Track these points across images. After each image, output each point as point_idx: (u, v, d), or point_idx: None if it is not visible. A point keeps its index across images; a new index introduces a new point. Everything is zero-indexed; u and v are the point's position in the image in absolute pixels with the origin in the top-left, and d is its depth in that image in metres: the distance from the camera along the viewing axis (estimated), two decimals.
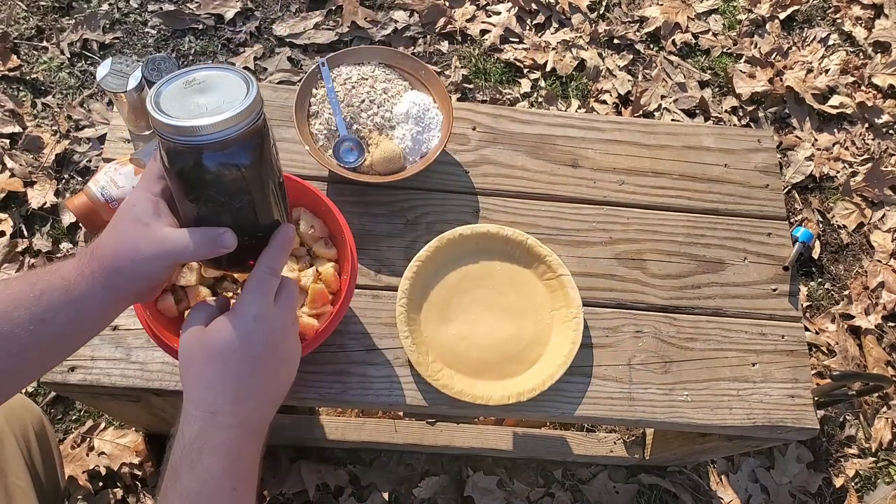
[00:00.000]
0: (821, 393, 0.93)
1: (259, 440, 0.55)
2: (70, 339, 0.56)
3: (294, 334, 0.58)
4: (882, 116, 1.87)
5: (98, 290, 0.54)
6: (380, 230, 0.97)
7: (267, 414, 0.56)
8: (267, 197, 0.56)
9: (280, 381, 0.57)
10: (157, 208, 0.55)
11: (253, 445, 0.54)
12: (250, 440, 0.54)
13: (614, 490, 1.37)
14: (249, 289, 0.54)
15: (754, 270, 1.02)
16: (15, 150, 1.54)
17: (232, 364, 0.53)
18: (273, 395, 0.56)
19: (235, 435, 0.52)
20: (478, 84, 1.78)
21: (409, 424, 1.31)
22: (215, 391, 0.52)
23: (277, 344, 0.55)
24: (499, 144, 1.06)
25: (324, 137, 0.97)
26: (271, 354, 0.54)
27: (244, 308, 0.54)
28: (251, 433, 0.54)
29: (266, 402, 0.55)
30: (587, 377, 0.92)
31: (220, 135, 0.50)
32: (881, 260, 1.68)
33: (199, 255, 0.54)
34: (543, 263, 0.95)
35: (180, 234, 0.54)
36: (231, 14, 1.78)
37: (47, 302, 0.53)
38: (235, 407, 0.53)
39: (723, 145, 1.10)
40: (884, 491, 1.43)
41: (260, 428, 0.55)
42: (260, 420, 0.55)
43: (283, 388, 0.57)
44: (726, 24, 1.98)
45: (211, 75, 0.54)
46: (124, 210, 0.55)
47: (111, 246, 0.54)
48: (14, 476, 0.82)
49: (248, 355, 0.53)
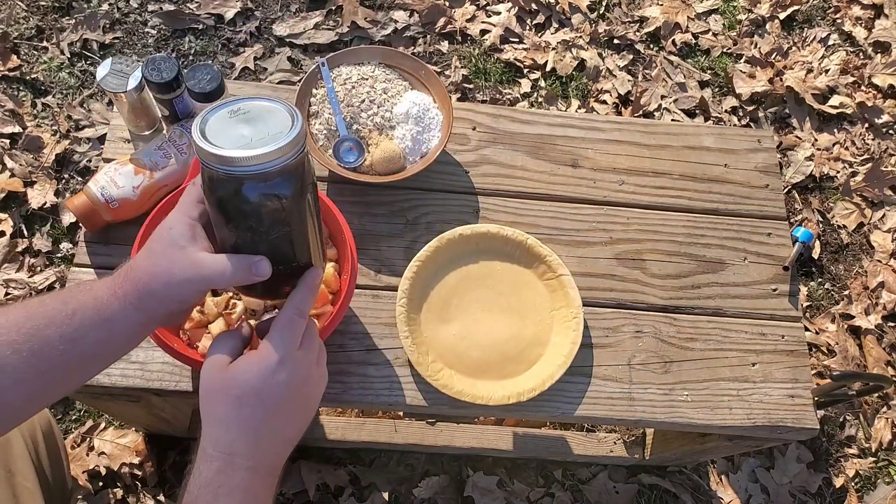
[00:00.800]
0: (821, 393, 0.93)
1: (274, 480, 0.55)
2: (98, 359, 0.56)
3: (317, 375, 0.58)
4: (882, 116, 1.87)
5: (130, 311, 0.54)
6: (380, 230, 0.97)
7: (283, 454, 0.56)
8: (305, 229, 0.56)
9: (299, 423, 0.57)
10: (194, 232, 0.55)
11: (268, 486, 0.54)
12: (266, 481, 0.54)
13: (614, 490, 1.37)
14: (277, 329, 0.54)
15: (754, 270, 1.02)
16: (15, 150, 1.54)
17: (253, 408, 0.52)
18: (291, 437, 0.56)
19: (252, 477, 0.52)
20: (478, 84, 1.78)
21: (409, 424, 1.31)
22: (234, 433, 0.52)
23: (299, 388, 0.54)
24: (499, 144, 1.06)
25: (324, 137, 0.97)
26: (292, 399, 0.54)
27: (269, 351, 0.53)
28: (267, 475, 0.54)
29: (283, 443, 0.56)
30: (587, 377, 0.92)
31: (262, 167, 0.50)
32: (881, 260, 1.68)
33: (234, 281, 0.54)
34: (543, 263, 0.95)
35: (216, 260, 0.54)
36: (231, 14, 1.78)
37: (79, 322, 0.53)
38: (253, 450, 0.53)
39: (723, 145, 1.10)
40: (884, 491, 1.43)
41: (276, 468, 0.55)
42: (276, 461, 0.55)
43: (302, 428, 0.57)
44: (726, 24, 1.98)
45: (257, 106, 0.54)
46: (161, 233, 0.55)
47: (146, 268, 0.54)
48: (21, 477, 0.82)
49: (269, 400, 0.53)
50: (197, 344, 0.79)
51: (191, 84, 0.88)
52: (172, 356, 0.76)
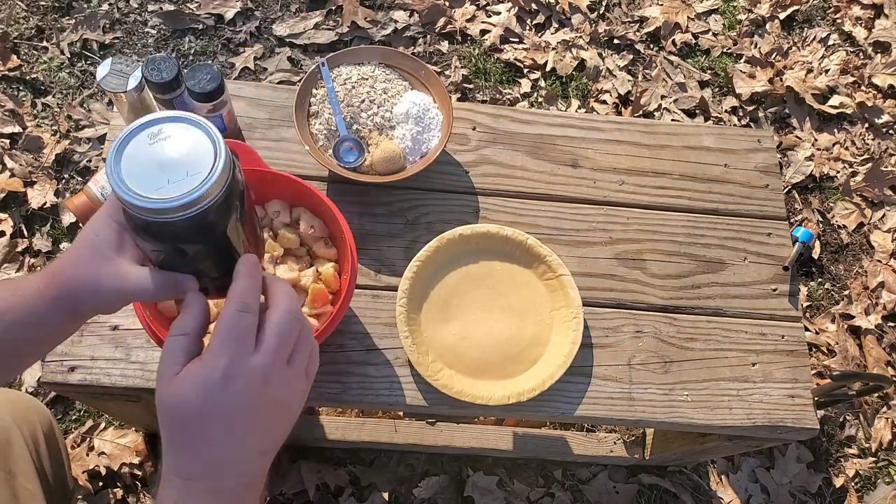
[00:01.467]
0: (821, 393, 0.93)
1: (252, 494, 0.49)
2: (28, 356, 0.56)
3: (290, 376, 0.50)
4: (882, 116, 1.87)
5: (59, 314, 0.52)
6: (380, 230, 0.97)
7: (258, 467, 0.50)
8: (234, 239, 0.52)
9: (273, 433, 0.50)
10: (122, 240, 0.51)
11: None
12: (239, 500, 0.48)
13: (614, 490, 1.37)
14: (217, 334, 0.46)
15: (754, 270, 1.02)
16: (15, 150, 1.54)
17: (200, 429, 0.46)
18: (265, 448, 0.50)
19: (214, 500, 0.47)
20: (478, 84, 1.78)
21: (409, 424, 1.31)
22: (188, 456, 0.46)
23: (260, 395, 0.47)
24: (499, 144, 1.06)
25: (324, 137, 0.97)
26: (254, 410, 0.47)
27: (212, 362, 0.46)
28: (238, 494, 0.48)
29: (255, 456, 0.49)
30: (587, 377, 0.92)
31: (180, 216, 0.45)
32: (881, 260, 1.68)
33: (159, 298, 0.52)
34: (543, 263, 0.95)
35: (141, 276, 0.50)
36: (231, 14, 1.78)
37: (8, 322, 0.52)
38: (212, 472, 0.47)
39: (723, 145, 1.10)
40: (884, 491, 1.43)
41: (251, 484, 0.49)
42: (249, 478, 0.49)
43: (279, 437, 0.50)
44: (726, 24, 1.98)
45: (177, 130, 0.48)
46: (86, 237, 0.51)
47: (74, 275, 0.51)
48: (23, 478, 0.81)
49: (221, 418, 0.46)
50: None
51: (191, 84, 0.88)
52: None
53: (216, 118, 0.94)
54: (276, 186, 0.86)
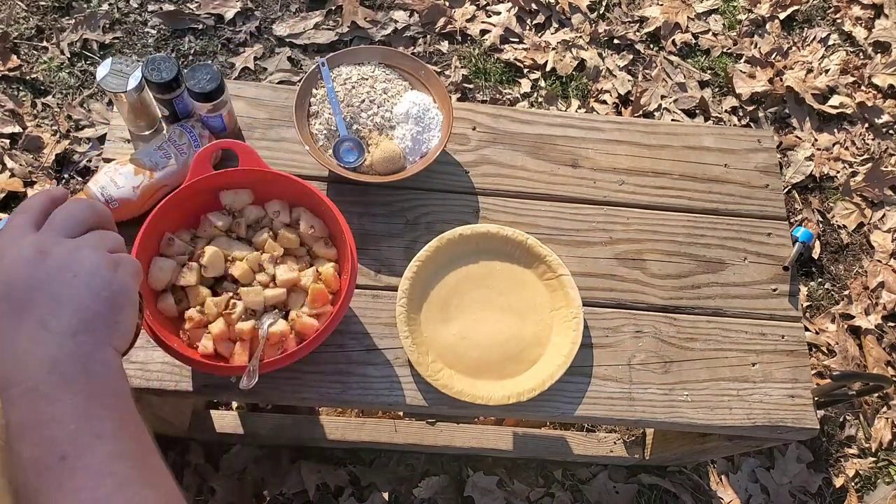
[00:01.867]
0: (821, 393, 0.93)
1: (65, 395, 0.43)
2: None
3: (71, 246, 0.47)
4: (882, 116, 1.87)
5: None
6: (380, 230, 0.97)
7: (65, 356, 0.43)
8: None
9: (68, 305, 0.45)
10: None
11: (63, 400, 0.43)
12: (57, 396, 0.42)
13: (614, 490, 1.37)
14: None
15: (754, 270, 1.02)
16: (15, 150, 1.54)
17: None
18: (67, 329, 0.44)
19: (30, 402, 0.42)
20: (478, 84, 1.78)
21: (409, 424, 1.31)
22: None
23: (34, 266, 0.45)
24: (499, 144, 1.06)
25: (324, 137, 0.97)
26: (30, 283, 0.44)
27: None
28: (50, 394, 0.42)
29: (54, 342, 0.44)
30: (587, 377, 0.92)
31: None
32: (881, 260, 1.68)
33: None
34: (543, 263, 0.95)
35: None
36: (231, 14, 1.78)
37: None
38: (16, 370, 0.43)
39: (723, 145, 1.10)
40: (884, 491, 1.43)
41: (64, 380, 0.43)
42: (58, 373, 0.43)
43: (83, 313, 0.45)
44: (726, 24, 1.98)
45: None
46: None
47: None
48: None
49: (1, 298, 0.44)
50: (197, 344, 0.79)
51: (191, 84, 0.88)
52: (172, 356, 0.76)
53: (216, 118, 0.94)
54: (276, 186, 0.86)
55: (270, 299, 0.81)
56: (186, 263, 0.82)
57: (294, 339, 0.80)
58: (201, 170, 0.83)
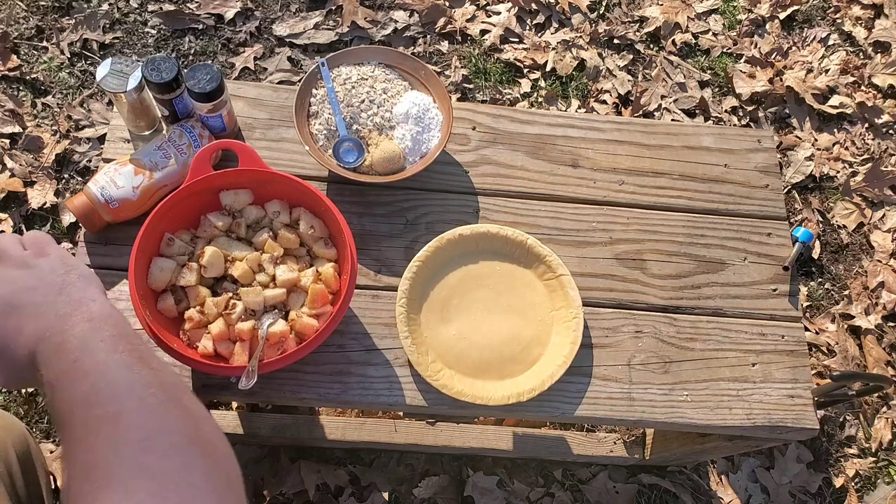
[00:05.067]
0: (821, 393, 0.93)
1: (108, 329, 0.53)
2: None
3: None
4: (882, 116, 1.87)
5: None
6: (380, 230, 0.97)
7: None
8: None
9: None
10: None
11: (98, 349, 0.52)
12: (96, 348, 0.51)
13: (614, 490, 1.37)
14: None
15: (754, 270, 1.02)
16: (15, 150, 1.54)
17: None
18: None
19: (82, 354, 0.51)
20: (478, 84, 1.78)
21: (409, 424, 1.31)
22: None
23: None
24: (499, 144, 1.06)
25: (324, 137, 0.97)
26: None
27: None
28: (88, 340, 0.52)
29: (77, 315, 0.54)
30: (587, 377, 0.92)
31: None
32: (881, 260, 1.68)
33: None
34: (543, 263, 0.95)
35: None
36: (231, 14, 1.78)
37: None
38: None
39: (723, 145, 1.10)
40: (884, 491, 1.43)
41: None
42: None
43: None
44: (726, 24, 1.98)
45: None
46: None
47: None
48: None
49: None
50: (197, 344, 0.79)
51: (191, 84, 0.88)
52: (172, 356, 0.76)
53: (216, 118, 0.94)
54: (276, 186, 0.86)
55: (270, 300, 0.81)
56: (186, 263, 0.82)
57: (294, 339, 0.80)
58: (201, 170, 0.83)
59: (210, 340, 0.79)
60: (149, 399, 0.48)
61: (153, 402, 0.48)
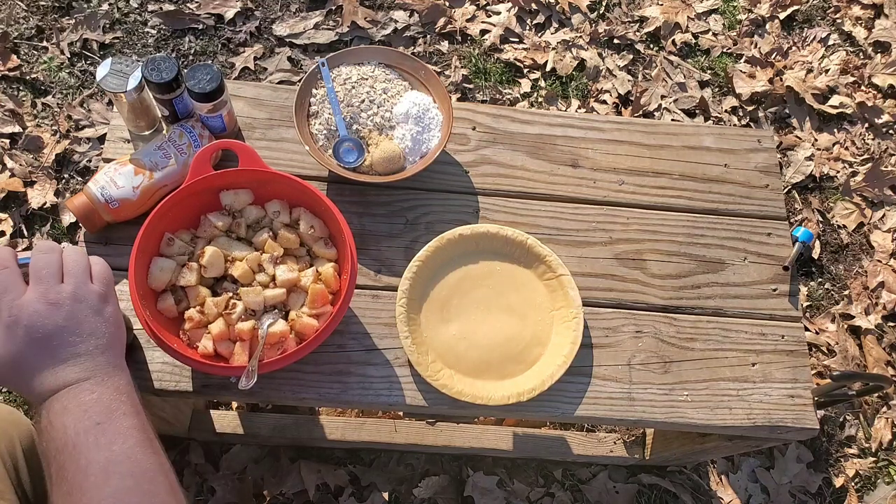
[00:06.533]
0: (821, 393, 0.93)
1: (111, 383, 0.63)
2: None
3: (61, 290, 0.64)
4: (882, 116, 1.87)
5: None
6: (380, 230, 0.97)
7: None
8: None
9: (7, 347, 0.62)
10: None
11: (99, 391, 0.62)
12: (95, 390, 0.62)
13: (614, 490, 1.37)
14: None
15: (754, 270, 1.02)
16: (15, 150, 1.54)
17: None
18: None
19: (77, 395, 0.61)
20: (478, 84, 1.78)
21: (409, 424, 1.31)
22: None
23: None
24: (499, 144, 1.06)
25: (324, 137, 0.97)
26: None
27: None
28: (92, 384, 0.62)
29: (90, 360, 0.63)
30: (587, 377, 0.92)
31: None
32: (881, 260, 1.68)
33: None
34: (543, 263, 0.95)
35: None
36: (231, 14, 1.78)
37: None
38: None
39: (723, 145, 1.10)
40: (884, 491, 1.43)
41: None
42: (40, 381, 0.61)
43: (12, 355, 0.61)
44: (726, 24, 1.98)
45: None
46: None
47: None
48: (1, 499, 0.79)
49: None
50: (197, 344, 0.79)
51: (191, 84, 0.88)
52: (172, 356, 0.76)
53: (216, 118, 0.94)
54: (276, 186, 0.86)
55: (270, 299, 0.81)
56: (186, 263, 0.82)
57: (294, 339, 0.80)
58: (201, 170, 0.83)
59: (210, 340, 0.79)
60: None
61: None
